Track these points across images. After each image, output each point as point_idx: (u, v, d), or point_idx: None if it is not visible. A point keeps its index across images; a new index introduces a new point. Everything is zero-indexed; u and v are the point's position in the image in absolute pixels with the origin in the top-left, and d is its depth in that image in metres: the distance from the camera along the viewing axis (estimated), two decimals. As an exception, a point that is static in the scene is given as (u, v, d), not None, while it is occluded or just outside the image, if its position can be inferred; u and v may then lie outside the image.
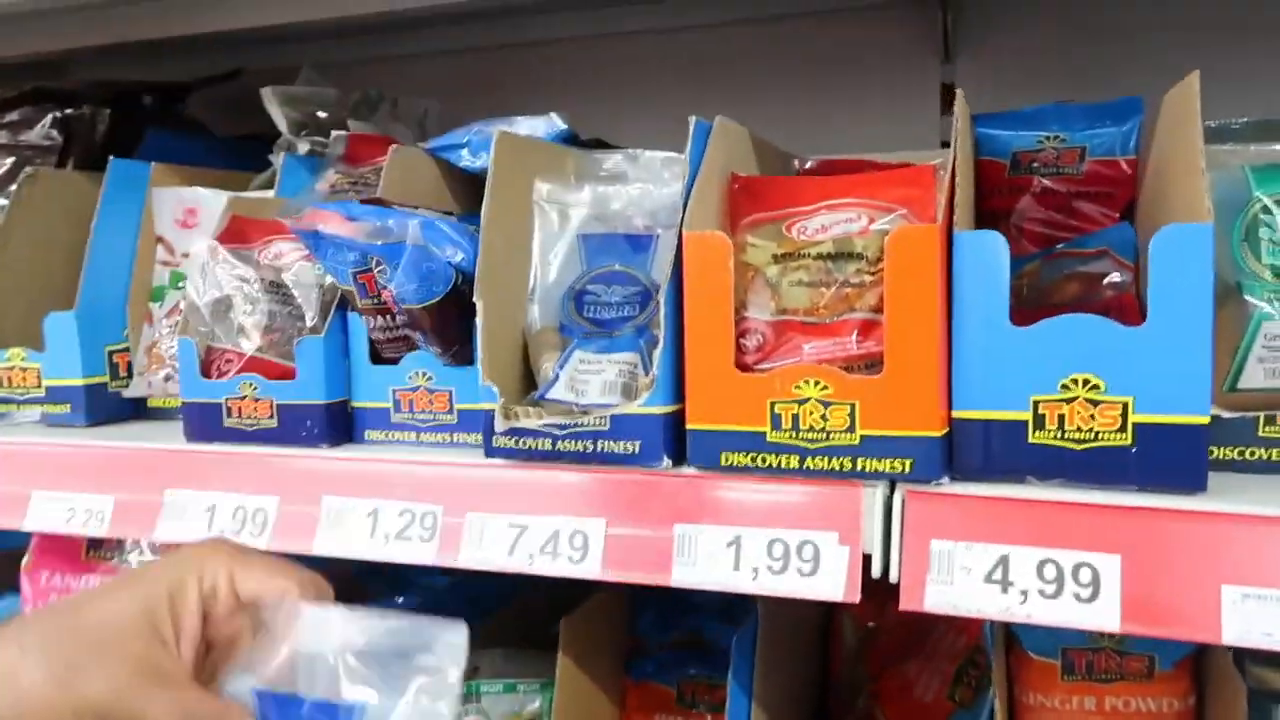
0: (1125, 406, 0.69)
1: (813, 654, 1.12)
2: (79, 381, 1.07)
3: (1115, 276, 0.89)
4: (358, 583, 1.17)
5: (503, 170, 0.88)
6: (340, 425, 0.94)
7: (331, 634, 0.66)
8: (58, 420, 1.08)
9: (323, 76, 1.37)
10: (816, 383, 0.74)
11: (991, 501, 0.70)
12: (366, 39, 1.57)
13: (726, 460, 0.77)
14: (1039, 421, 0.71)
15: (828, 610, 1.15)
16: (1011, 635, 0.92)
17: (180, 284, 1.14)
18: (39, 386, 1.08)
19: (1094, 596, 0.66)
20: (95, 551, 1.07)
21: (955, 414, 0.73)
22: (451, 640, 0.67)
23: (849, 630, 1.13)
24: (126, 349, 1.12)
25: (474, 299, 0.84)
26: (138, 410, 1.12)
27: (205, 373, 0.97)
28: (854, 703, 1.06)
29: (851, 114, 1.36)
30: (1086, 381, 0.70)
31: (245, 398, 0.94)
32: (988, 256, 0.71)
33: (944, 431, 0.72)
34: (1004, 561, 0.69)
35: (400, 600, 1.02)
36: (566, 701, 0.95)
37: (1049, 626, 0.67)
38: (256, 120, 1.26)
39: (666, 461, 0.79)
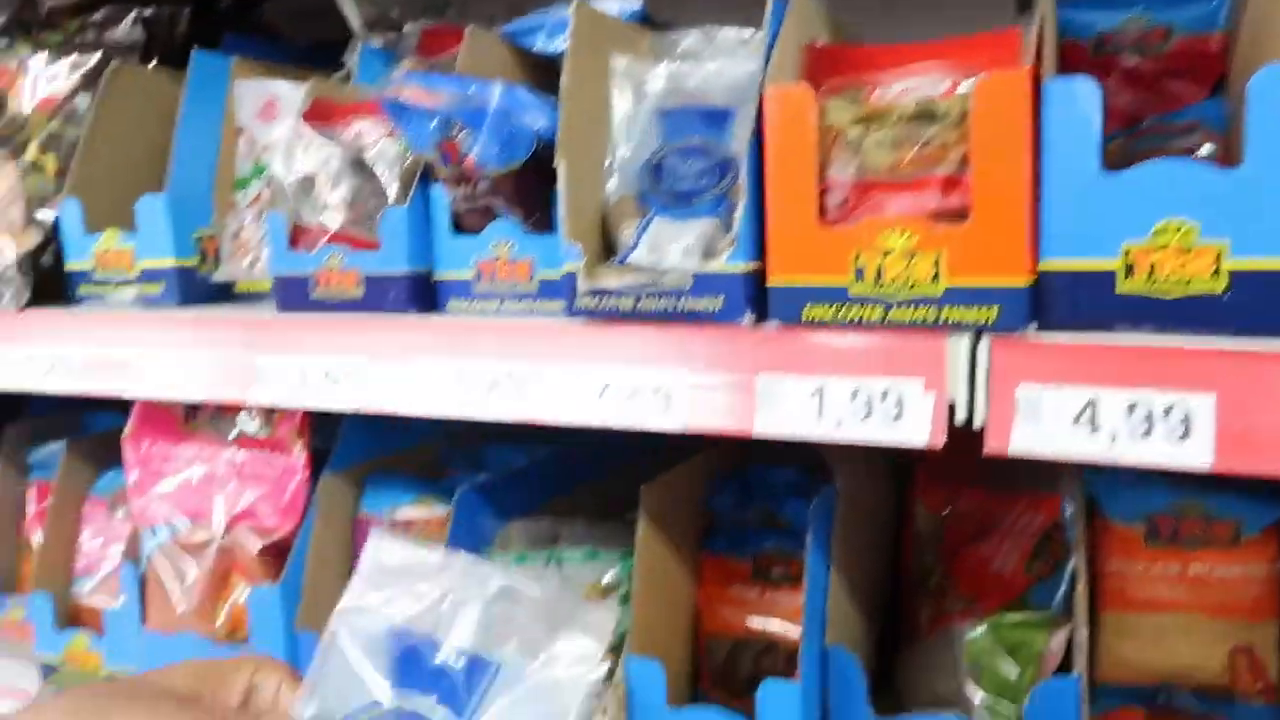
0: (1219, 252, 0.68)
1: (885, 542, 1.13)
2: (170, 263, 1.11)
3: (1205, 149, 0.87)
4: (440, 464, 1.20)
5: (581, 41, 0.88)
6: (424, 296, 0.96)
7: (485, 585, 0.68)
8: (151, 301, 1.12)
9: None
10: (902, 233, 0.74)
11: (1078, 348, 0.70)
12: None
13: (809, 314, 0.77)
14: (1129, 270, 0.70)
15: (900, 500, 1.16)
16: (1094, 504, 0.92)
17: (262, 174, 1.17)
18: (132, 268, 1.12)
19: (1186, 436, 0.66)
20: (191, 421, 1.11)
21: (1043, 265, 0.72)
22: (599, 617, 0.69)
23: (922, 517, 1.13)
24: (214, 235, 1.16)
25: (555, 163, 0.84)
26: (225, 295, 1.15)
27: (293, 246, 0.99)
28: (926, 583, 1.07)
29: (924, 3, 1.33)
30: (1179, 227, 0.69)
31: (332, 269, 0.96)
32: (1079, 102, 0.70)
33: (1030, 282, 0.72)
34: (1092, 404, 0.68)
35: (480, 478, 1.05)
36: (645, 566, 0.98)
37: (1138, 469, 0.67)
38: (330, 30, 1.27)
39: (749, 318, 0.80)
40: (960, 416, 0.72)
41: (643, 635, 0.97)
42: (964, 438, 0.72)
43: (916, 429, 0.73)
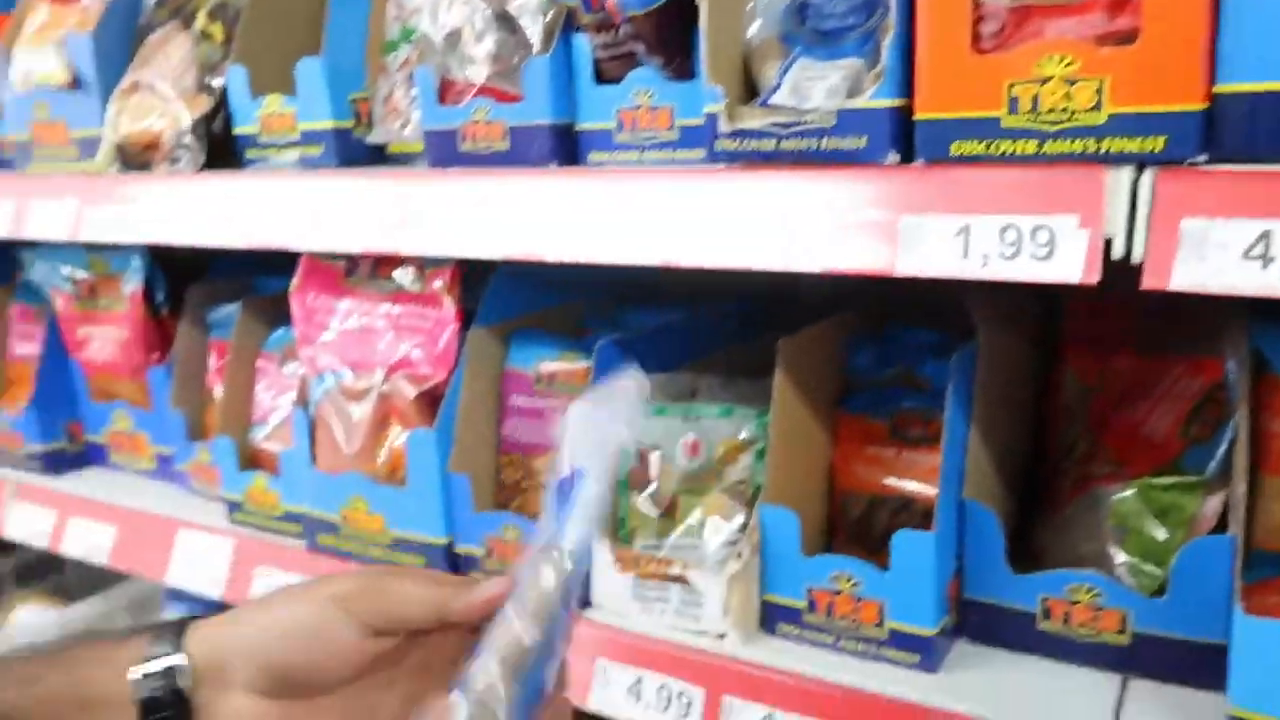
0: None
1: (1027, 409, 1.10)
2: (329, 125, 1.16)
3: None
4: (581, 323, 1.23)
5: (725, -124, 0.85)
6: (566, 147, 0.97)
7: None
8: (311, 162, 1.17)
9: None
10: (1061, 59, 0.70)
11: (1253, 176, 0.65)
12: None
13: (957, 150, 0.75)
14: (1318, 93, 0.65)
15: (1047, 365, 1.12)
16: (1261, 360, 0.87)
17: (410, 38, 1.19)
18: (294, 131, 1.18)
19: (1371, 267, 0.61)
20: (351, 276, 1.18)
21: (1218, 88, 0.67)
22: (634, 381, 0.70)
23: (1070, 385, 1.09)
24: (367, 98, 1.20)
25: (697, 3, 0.83)
26: (379, 156, 1.20)
27: (441, 102, 1.02)
28: (1075, 445, 1.04)
29: None
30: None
31: (478, 121, 0.99)
32: (1273, -96, 0.63)
33: (1204, 106, 0.67)
34: (1266, 237, 0.64)
35: (615, 337, 1.07)
36: (780, 420, 0.99)
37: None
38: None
39: (893, 156, 0.78)
40: (1118, 251, 0.69)
41: (778, 487, 0.98)
42: (1115, 300, 0.69)
43: (1068, 266, 0.70)
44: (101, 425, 1.54)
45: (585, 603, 1.05)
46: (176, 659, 0.62)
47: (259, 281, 1.48)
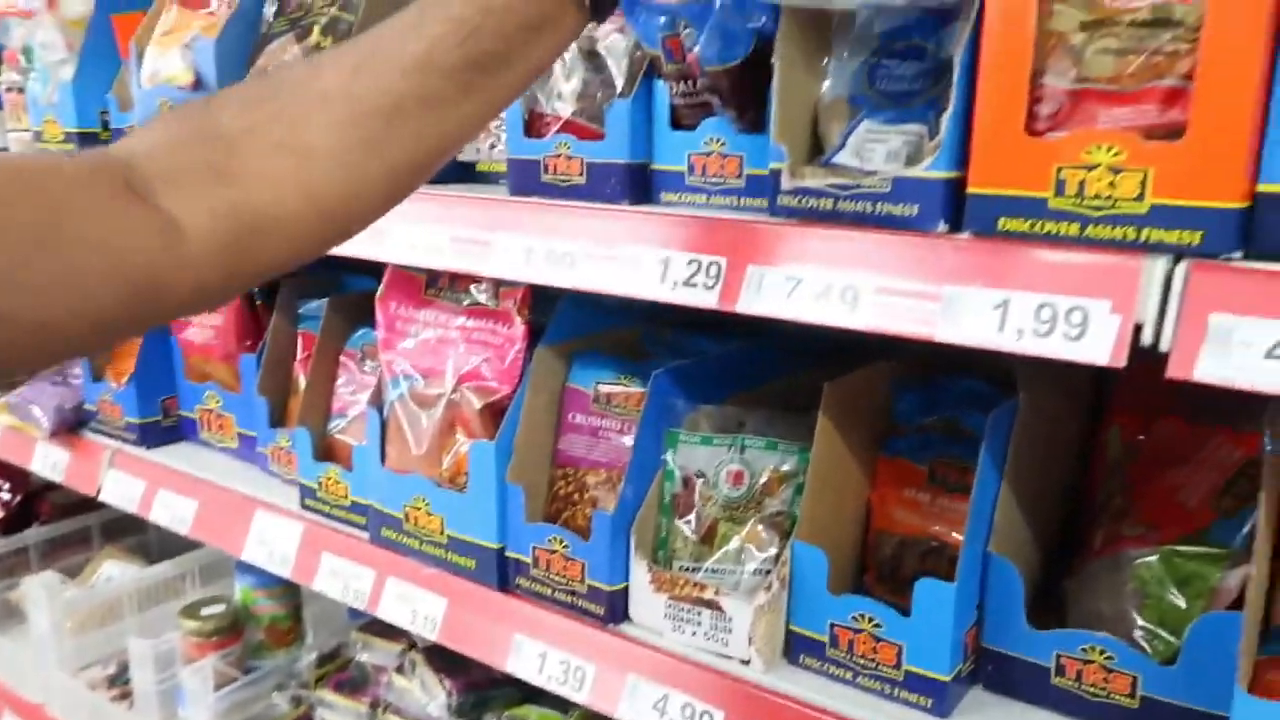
0: None
1: (1065, 464, 1.12)
2: (422, 144, 1.23)
3: None
4: (641, 347, 1.29)
5: (807, -58, 0.90)
6: (639, 184, 1.03)
7: None
8: (404, 178, 1.25)
9: None
10: (1109, 148, 0.73)
11: (1284, 278, 0.68)
12: None
13: (1003, 226, 0.78)
14: (1358, 200, 0.67)
15: (1090, 425, 1.14)
16: (1294, 444, 0.89)
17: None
18: (391, 148, 1.26)
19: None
20: (432, 289, 1.25)
21: (1261, 187, 0.70)
22: None
23: (1114, 443, 1.12)
24: (460, 121, 1.27)
25: (773, 59, 0.88)
26: (468, 172, 1.27)
27: (528, 132, 1.09)
28: (1110, 503, 1.06)
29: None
30: None
31: (560, 155, 1.05)
32: (1326, 16, 0.66)
33: (1245, 204, 0.70)
34: (1291, 337, 0.67)
35: (675, 364, 1.12)
36: (820, 460, 1.03)
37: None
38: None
39: (943, 225, 0.82)
40: (1147, 338, 0.72)
41: (811, 524, 1.03)
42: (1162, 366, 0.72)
43: (1097, 348, 0.73)
44: (194, 403, 1.65)
45: (622, 617, 1.11)
46: None
47: (347, 279, 1.58)
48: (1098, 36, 0.78)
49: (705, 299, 0.92)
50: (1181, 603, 0.92)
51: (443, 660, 1.56)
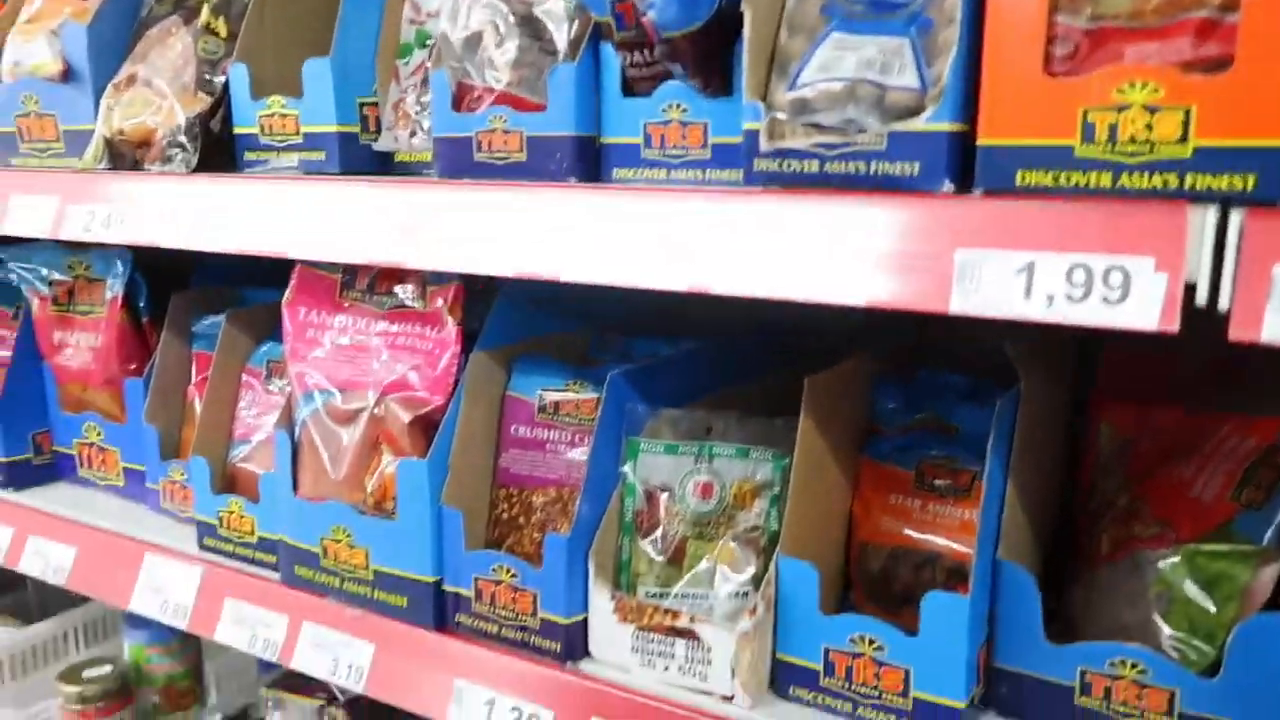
0: None
1: (1058, 460, 1.04)
2: (333, 128, 1.09)
3: None
4: (586, 352, 1.16)
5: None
6: (588, 161, 0.91)
7: None
8: (312, 167, 1.11)
9: None
10: (1144, 85, 0.64)
11: (1358, 222, 0.59)
12: None
13: (1023, 180, 0.69)
14: None
15: (1078, 413, 1.06)
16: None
17: (426, 43, 1.13)
18: (296, 133, 1.11)
19: None
20: (348, 291, 1.11)
21: (1318, 124, 0.62)
22: None
23: (1106, 437, 1.03)
24: (375, 103, 1.13)
25: (741, 7, 0.77)
26: (385, 164, 1.13)
27: (456, 108, 0.96)
28: (1113, 503, 0.97)
29: None
30: None
31: (495, 130, 0.93)
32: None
33: (1301, 143, 0.61)
34: (1370, 288, 0.58)
35: (632, 365, 1.00)
36: (805, 467, 0.92)
37: None
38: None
39: (948, 185, 0.72)
40: (1201, 298, 0.62)
41: (797, 537, 0.91)
42: (1155, 348, 0.63)
43: (1144, 312, 0.64)
44: (71, 436, 1.45)
45: (582, 653, 0.97)
46: None
47: (247, 293, 1.41)
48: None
49: (682, 280, 0.80)
50: (1211, 606, 0.83)
51: (370, 716, 1.40)
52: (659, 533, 0.98)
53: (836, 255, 0.74)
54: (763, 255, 0.77)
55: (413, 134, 1.11)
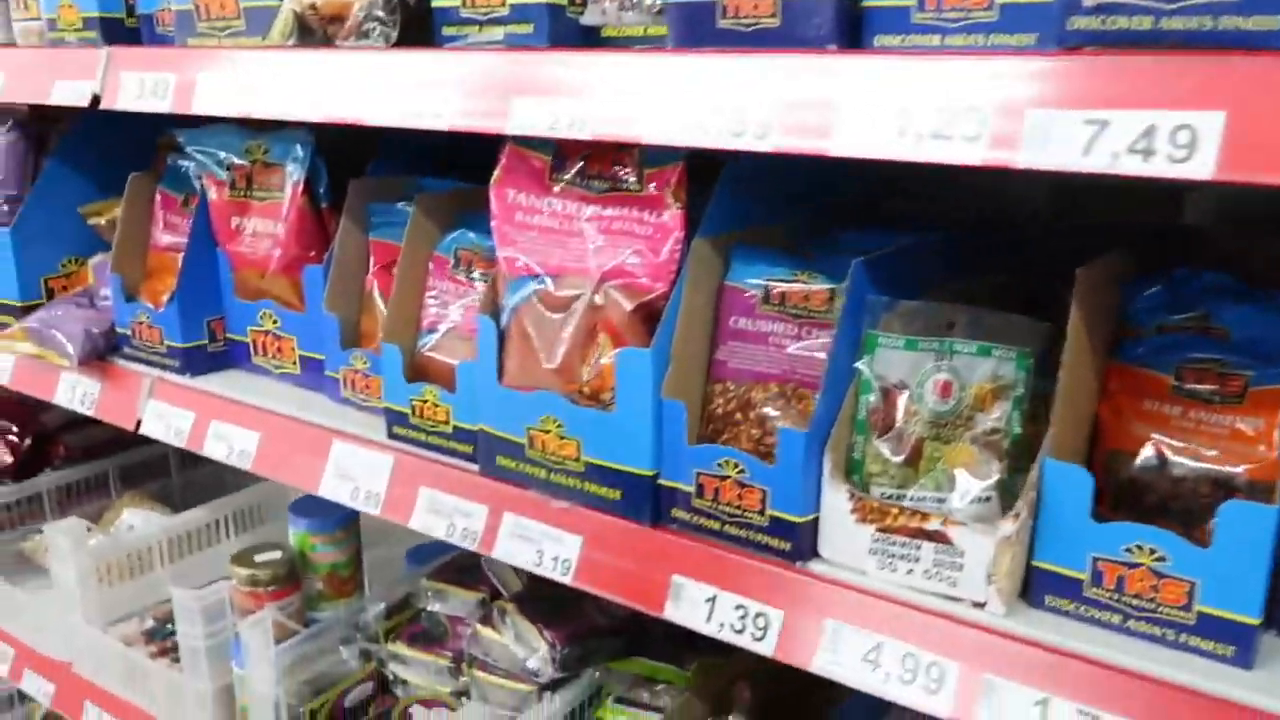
0: None
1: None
2: (542, 0, 1.03)
3: None
4: (794, 243, 1.10)
5: None
6: (848, 25, 0.84)
7: None
8: (518, 41, 1.05)
9: None
10: None
11: None
12: None
13: None
14: None
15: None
16: None
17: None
18: (502, 4, 1.05)
19: None
20: (559, 173, 1.05)
21: None
22: None
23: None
24: (584, -25, 1.07)
25: None
26: (593, 38, 1.07)
27: (698, -31, 0.89)
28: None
29: None
30: None
31: (746, -8, 0.85)
32: None
33: None
34: None
35: (868, 256, 0.94)
36: (1074, 365, 0.86)
37: None
38: None
39: (1307, 43, 0.63)
40: None
41: (1062, 440, 0.85)
42: None
43: None
44: (246, 324, 1.45)
45: (810, 554, 0.94)
46: None
47: (424, 181, 1.37)
48: None
49: (969, 154, 0.73)
50: None
51: (537, 610, 1.39)
52: (895, 432, 0.93)
53: (1168, 123, 0.66)
54: (1072, 125, 0.69)
55: (623, 7, 1.04)
